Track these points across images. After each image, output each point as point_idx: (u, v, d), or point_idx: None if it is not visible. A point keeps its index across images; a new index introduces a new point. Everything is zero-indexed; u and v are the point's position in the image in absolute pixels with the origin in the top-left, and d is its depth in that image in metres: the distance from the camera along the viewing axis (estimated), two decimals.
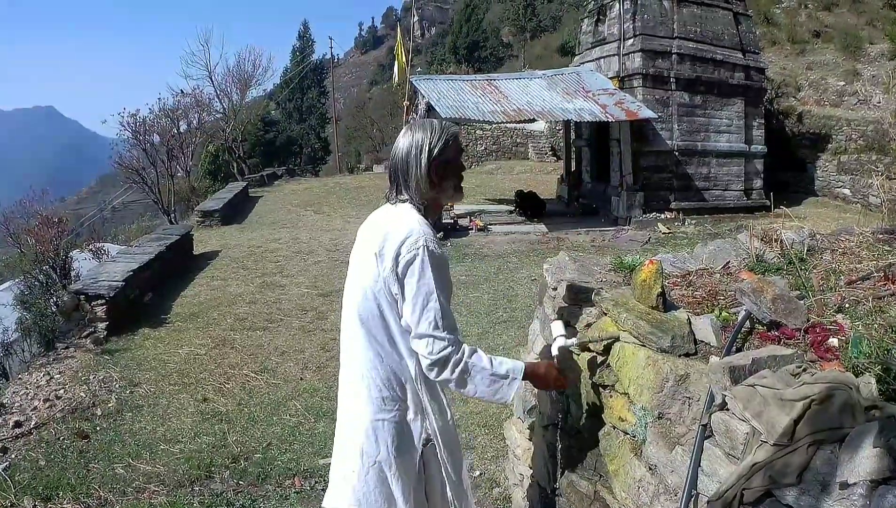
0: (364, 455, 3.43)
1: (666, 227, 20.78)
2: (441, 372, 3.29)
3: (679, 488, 3.05)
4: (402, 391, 3.45)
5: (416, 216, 3.37)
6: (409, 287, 3.25)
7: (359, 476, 3.43)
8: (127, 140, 30.02)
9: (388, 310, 3.34)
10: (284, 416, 8.03)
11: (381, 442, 3.41)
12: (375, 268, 3.30)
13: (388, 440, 3.42)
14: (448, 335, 3.27)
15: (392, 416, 3.43)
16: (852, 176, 24.86)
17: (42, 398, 8.43)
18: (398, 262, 3.24)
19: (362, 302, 3.39)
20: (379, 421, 3.42)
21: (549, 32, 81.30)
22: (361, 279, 3.40)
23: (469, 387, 3.36)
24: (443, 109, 19.85)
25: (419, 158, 3.37)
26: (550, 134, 41.37)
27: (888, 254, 4.14)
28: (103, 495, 6.23)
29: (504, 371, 3.37)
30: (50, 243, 13.69)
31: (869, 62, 30.95)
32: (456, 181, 3.54)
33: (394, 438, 3.42)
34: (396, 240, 3.26)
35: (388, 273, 3.26)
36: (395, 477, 3.42)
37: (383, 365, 3.41)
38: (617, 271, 4.83)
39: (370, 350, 3.42)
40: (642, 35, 22.57)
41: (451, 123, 3.59)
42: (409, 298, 3.25)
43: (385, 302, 3.33)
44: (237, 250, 18.40)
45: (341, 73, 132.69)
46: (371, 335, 3.40)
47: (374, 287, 3.33)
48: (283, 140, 61.03)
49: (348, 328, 3.51)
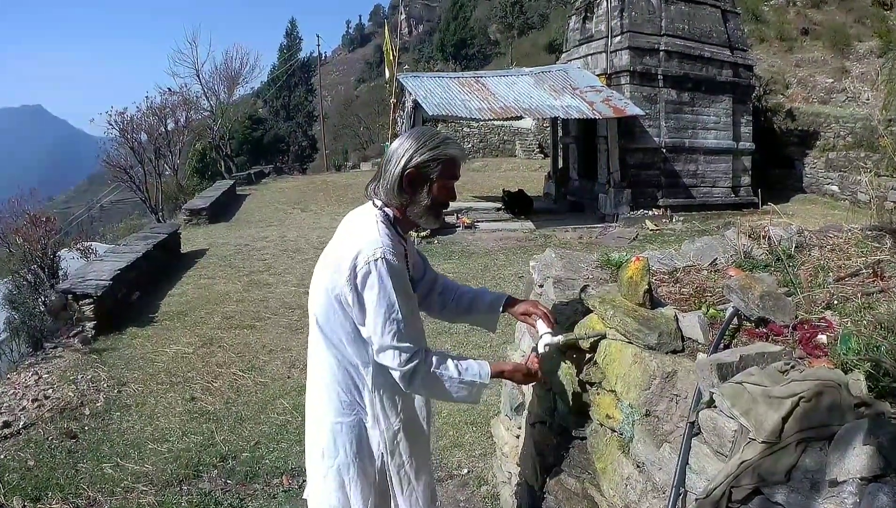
0: (325, 456, 3.50)
1: (653, 224, 20.82)
2: (411, 383, 3.30)
3: (667, 486, 3.04)
4: (360, 397, 3.46)
5: (380, 225, 3.31)
6: (369, 300, 3.20)
7: (323, 477, 3.52)
8: (115, 139, 29.93)
9: (344, 317, 3.31)
10: (272, 415, 8.01)
11: (340, 446, 3.46)
12: (334, 274, 3.26)
13: (347, 445, 3.46)
14: (412, 346, 3.26)
15: (350, 420, 3.45)
16: (841, 173, 24.94)
17: (30, 398, 8.39)
18: (356, 273, 3.19)
19: (322, 305, 3.37)
20: (338, 424, 3.45)
21: (537, 30, 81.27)
22: (323, 281, 3.36)
23: (438, 394, 3.48)
24: (430, 107, 19.85)
25: (398, 162, 3.31)
26: (538, 131, 41.43)
27: (877, 250, 4.14)
28: (92, 495, 6.21)
29: (470, 378, 3.41)
30: (38, 242, 13.62)
31: (857, 59, 31.05)
32: (432, 203, 3.41)
33: (352, 442, 3.46)
34: (354, 249, 3.22)
35: (344, 282, 3.21)
36: (352, 482, 3.47)
37: (341, 369, 3.42)
38: (604, 267, 4.82)
39: (329, 354, 3.43)
40: (630, 32, 22.59)
41: (458, 147, 3.48)
42: (370, 310, 3.21)
43: (341, 309, 3.30)
44: (224, 248, 18.36)
45: (329, 70, 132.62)
46: (328, 338, 3.40)
47: (332, 292, 3.28)
48: (270, 138, 60.96)
49: (312, 329, 3.50)
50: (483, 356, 9.58)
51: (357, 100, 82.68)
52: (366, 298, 3.20)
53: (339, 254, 3.28)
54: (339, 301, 3.27)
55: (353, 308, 3.24)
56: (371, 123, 62.34)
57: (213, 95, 46.90)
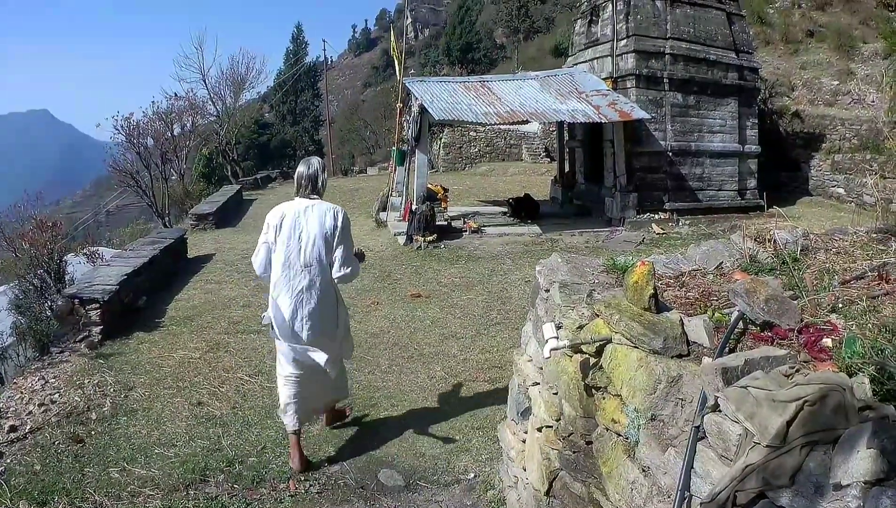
0: (339, 327, 7.13)
1: (660, 227, 20.78)
2: (349, 278, 6.88)
3: (672, 490, 3.04)
4: (336, 306, 7.00)
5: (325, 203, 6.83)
6: (342, 237, 6.67)
7: (340, 340, 7.21)
8: (121, 143, 29.89)
9: (327, 248, 6.61)
10: (279, 419, 8.02)
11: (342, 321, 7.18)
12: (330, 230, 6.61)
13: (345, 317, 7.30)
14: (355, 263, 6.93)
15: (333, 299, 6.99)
16: (846, 175, 24.87)
17: (37, 403, 8.40)
18: (337, 224, 6.65)
19: (320, 246, 6.59)
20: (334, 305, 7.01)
21: (543, 34, 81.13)
22: (321, 238, 6.59)
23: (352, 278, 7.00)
24: (436, 112, 19.82)
25: (324, 175, 6.96)
26: (544, 135, 41.36)
27: (882, 253, 4.14)
28: (98, 499, 6.22)
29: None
30: (44, 247, 13.58)
31: (863, 61, 30.95)
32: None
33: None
34: (337, 212, 6.76)
35: (330, 229, 6.60)
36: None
37: (326, 274, 6.69)
38: (609, 272, 4.83)
39: (324, 267, 6.65)
40: (635, 36, 22.56)
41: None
42: (343, 242, 6.68)
43: (328, 244, 6.61)
44: (231, 253, 18.36)
45: (335, 75, 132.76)
46: (322, 261, 6.61)
47: (328, 237, 6.59)
48: (276, 143, 61.08)
49: (308, 259, 6.60)
50: (489, 360, 9.67)
51: (363, 104, 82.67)
52: (341, 235, 6.73)
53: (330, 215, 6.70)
54: (328, 239, 6.62)
55: (335, 240, 6.68)
56: (377, 128, 62.36)
57: (220, 100, 46.93)
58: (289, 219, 6.59)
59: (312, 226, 6.54)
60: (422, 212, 18.87)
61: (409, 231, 18.77)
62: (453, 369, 9.63)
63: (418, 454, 7.28)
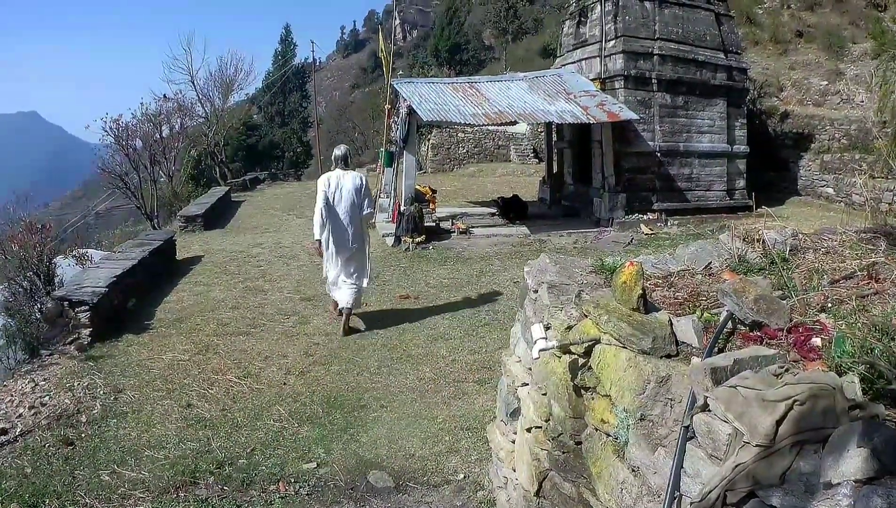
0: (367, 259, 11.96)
1: (648, 228, 20.82)
2: (371, 215, 12.51)
3: (662, 489, 3.04)
4: (363, 231, 11.68)
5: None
6: (366, 191, 11.53)
7: (366, 276, 11.84)
8: (110, 145, 29.75)
9: (359, 197, 11.34)
10: (268, 421, 8.01)
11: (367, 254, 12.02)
12: (359, 187, 11.35)
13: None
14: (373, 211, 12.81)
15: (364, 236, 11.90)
16: (835, 175, 24.94)
17: (27, 406, 8.38)
18: (363, 183, 11.48)
19: (356, 201, 11.29)
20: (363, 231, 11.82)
21: (531, 35, 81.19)
22: (354, 191, 11.26)
23: (372, 216, 14.64)
24: (424, 113, 19.80)
25: (350, 154, 11.83)
26: (532, 136, 41.37)
27: (871, 253, 4.14)
28: (89, 502, 6.21)
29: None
30: (34, 249, 13.53)
31: (852, 61, 31.06)
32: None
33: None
34: (362, 176, 11.67)
35: (359, 186, 11.36)
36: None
37: (358, 220, 11.41)
38: (598, 273, 4.83)
39: (358, 216, 11.37)
40: (624, 36, 22.57)
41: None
42: (367, 194, 11.54)
43: (359, 194, 11.33)
44: (220, 254, 18.31)
45: (323, 76, 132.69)
46: (356, 205, 11.31)
47: (361, 194, 11.34)
48: (265, 144, 60.85)
49: (346, 212, 11.23)
50: (478, 361, 9.68)
51: (352, 105, 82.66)
52: (366, 192, 11.57)
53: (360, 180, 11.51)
54: (360, 196, 11.35)
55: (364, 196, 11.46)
56: (366, 129, 62.28)
57: (208, 102, 46.80)
58: (333, 180, 11.30)
59: (348, 185, 11.30)
60: (410, 213, 18.89)
61: (398, 232, 18.79)
62: (442, 370, 9.63)
63: (408, 455, 7.27)
